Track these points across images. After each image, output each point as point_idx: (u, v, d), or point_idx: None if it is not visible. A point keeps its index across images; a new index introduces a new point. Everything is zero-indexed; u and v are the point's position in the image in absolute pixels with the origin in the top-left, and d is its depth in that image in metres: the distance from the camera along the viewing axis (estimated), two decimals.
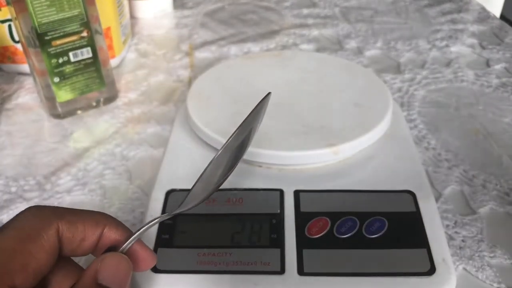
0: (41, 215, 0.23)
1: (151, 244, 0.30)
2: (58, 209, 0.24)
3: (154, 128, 0.47)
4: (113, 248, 0.24)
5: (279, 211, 0.32)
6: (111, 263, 0.23)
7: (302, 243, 0.30)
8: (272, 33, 0.65)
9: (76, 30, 0.44)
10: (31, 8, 0.41)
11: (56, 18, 0.42)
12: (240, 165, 0.35)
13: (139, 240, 0.25)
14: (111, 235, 0.24)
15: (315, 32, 0.65)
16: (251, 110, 0.26)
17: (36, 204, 0.38)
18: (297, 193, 0.33)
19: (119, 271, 0.23)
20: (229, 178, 0.34)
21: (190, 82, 0.54)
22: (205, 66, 0.57)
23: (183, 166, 0.35)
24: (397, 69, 0.56)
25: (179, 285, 0.29)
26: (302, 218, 0.31)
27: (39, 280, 0.22)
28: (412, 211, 0.31)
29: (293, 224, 0.31)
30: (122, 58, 0.58)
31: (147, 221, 0.31)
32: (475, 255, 0.34)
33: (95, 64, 0.47)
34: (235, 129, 0.25)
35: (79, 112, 0.48)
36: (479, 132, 0.45)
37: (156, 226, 0.31)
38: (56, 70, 0.45)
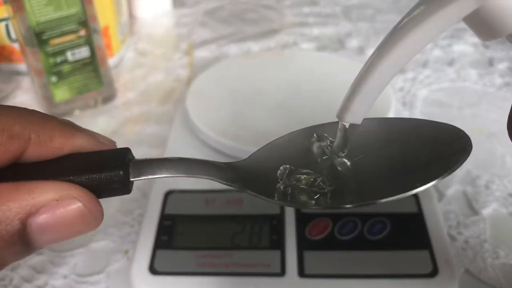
0: None
1: (149, 245, 0.30)
2: None
3: (153, 128, 0.47)
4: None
5: (279, 212, 0.31)
6: (67, 211, 0.15)
7: (303, 244, 0.30)
8: (272, 32, 0.64)
9: (74, 29, 0.44)
10: (28, 7, 0.40)
11: (54, 17, 0.42)
12: None
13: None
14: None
15: (315, 31, 0.64)
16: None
17: None
18: None
19: (72, 227, 0.15)
20: None
21: (189, 81, 0.54)
22: (204, 65, 0.57)
23: None
24: None
25: (178, 287, 0.28)
26: (303, 219, 0.31)
27: None
28: (415, 212, 0.31)
29: (293, 225, 0.31)
30: (120, 57, 0.58)
31: (145, 222, 0.31)
32: (478, 257, 0.33)
33: (93, 64, 0.46)
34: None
35: (76, 112, 0.48)
36: (482, 132, 0.45)
37: (155, 226, 0.31)
38: (53, 70, 0.44)
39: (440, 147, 0.17)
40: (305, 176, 0.17)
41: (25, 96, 0.52)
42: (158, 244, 0.30)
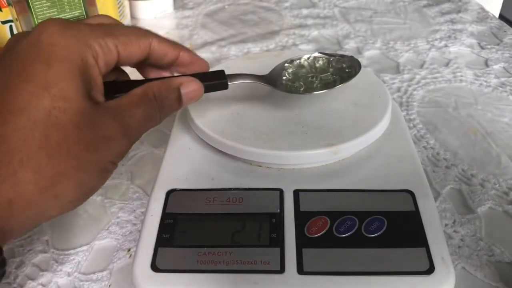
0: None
1: (151, 243, 0.30)
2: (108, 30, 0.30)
3: (155, 127, 0.47)
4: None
5: (278, 210, 0.32)
6: (194, 85, 0.31)
7: (302, 242, 0.30)
8: (272, 34, 0.65)
9: None
10: (32, 9, 0.41)
11: None
12: (240, 165, 0.35)
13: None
14: (158, 49, 0.32)
15: (314, 33, 0.65)
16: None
17: None
18: (296, 193, 0.33)
19: (195, 94, 0.32)
20: (229, 177, 0.34)
21: None
22: None
23: (184, 165, 0.35)
24: (396, 69, 0.56)
25: (179, 284, 0.29)
26: (301, 218, 0.31)
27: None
28: (411, 211, 0.32)
29: (292, 223, 0.31)
30: None
31: (147, 221, 0.32)
32: (473, 254, 0.34)
33: None
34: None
35: None
36: (478, 132, 0.46)
37: (157, 225, 0.31)
38: None
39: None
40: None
41: None
42: (160, 242, 0.30)
